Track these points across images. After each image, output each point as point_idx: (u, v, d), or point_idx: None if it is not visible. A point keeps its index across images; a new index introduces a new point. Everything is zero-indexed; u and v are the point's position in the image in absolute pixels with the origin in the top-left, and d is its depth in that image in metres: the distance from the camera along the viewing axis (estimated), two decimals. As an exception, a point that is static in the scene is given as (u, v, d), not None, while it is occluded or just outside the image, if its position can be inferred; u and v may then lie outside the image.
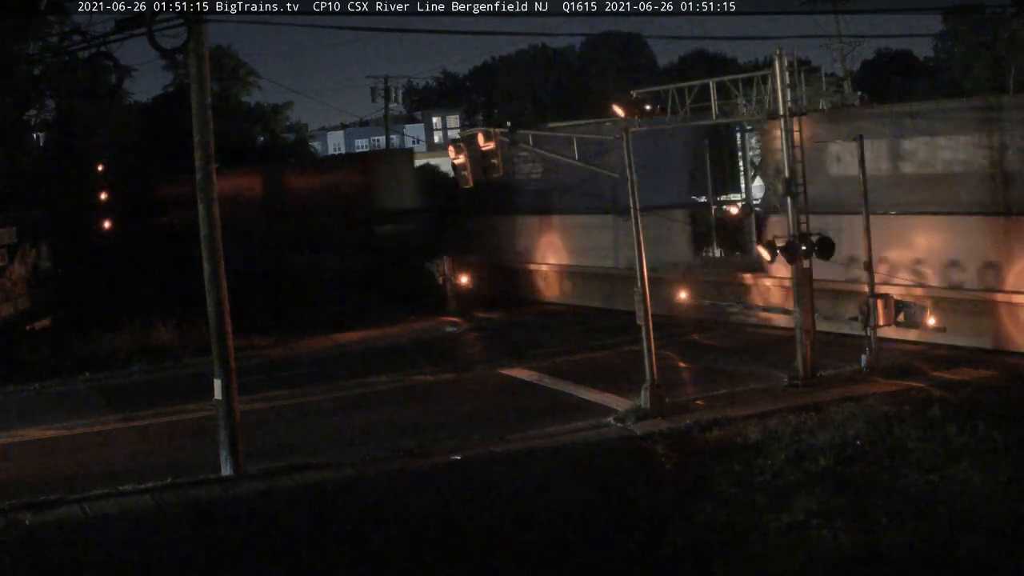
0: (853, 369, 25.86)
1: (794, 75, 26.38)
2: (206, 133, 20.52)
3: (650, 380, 23.65)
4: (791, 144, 25.76)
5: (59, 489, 19.84)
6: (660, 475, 19.81)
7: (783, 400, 23.73)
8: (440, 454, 21.42)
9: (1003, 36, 61.68)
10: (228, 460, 20.55)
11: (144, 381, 31.51)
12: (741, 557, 15.67)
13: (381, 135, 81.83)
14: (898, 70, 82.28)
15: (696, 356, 30.05)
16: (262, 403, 26.63)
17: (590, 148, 32.50)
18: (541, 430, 23.00)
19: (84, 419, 26.62)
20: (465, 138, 28.12)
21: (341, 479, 20.06)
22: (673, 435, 21.79)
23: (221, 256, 20.75)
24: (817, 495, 17.37)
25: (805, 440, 20.25)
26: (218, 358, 20.74)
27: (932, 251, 28.67)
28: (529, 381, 28.42)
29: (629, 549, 16.40)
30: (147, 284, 45.97)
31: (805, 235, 25.32)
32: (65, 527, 18.09)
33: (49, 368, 32.30)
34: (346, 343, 36.12)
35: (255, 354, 33.69)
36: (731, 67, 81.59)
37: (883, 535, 15.70)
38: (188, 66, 20.79)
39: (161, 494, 19.53)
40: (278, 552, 16.87)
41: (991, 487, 17.14)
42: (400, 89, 70.76)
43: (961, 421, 20.43)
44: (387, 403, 27.12)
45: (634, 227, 24.27)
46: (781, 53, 25.89)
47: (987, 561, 14.88)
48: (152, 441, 24.52)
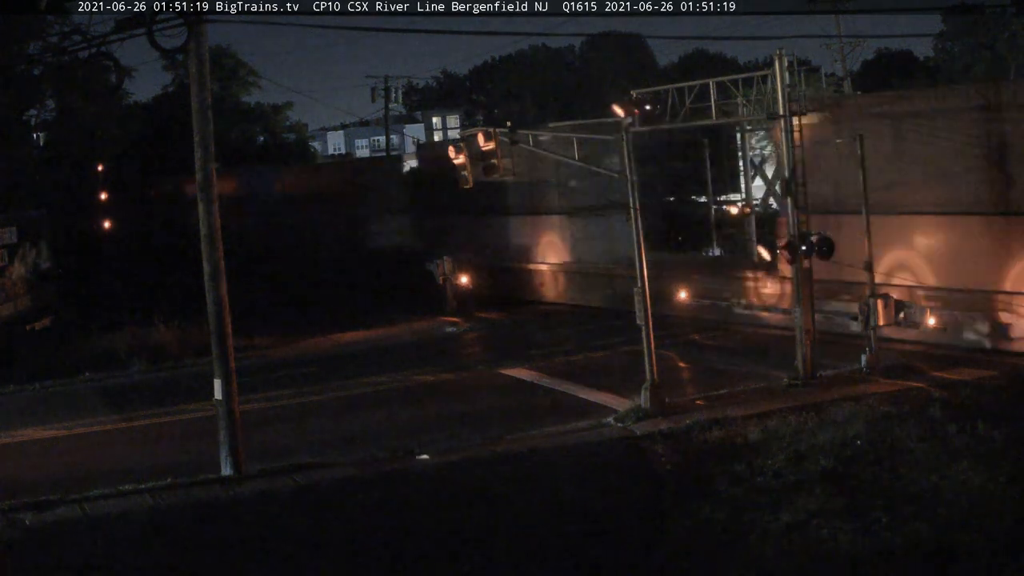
0: (853, 369, 25.86)
1: (794, 75, 26.38)
2: (206, 133, 20.52)
3: (650, 380, 23.65)
4: (791, 144, 25.78)
5: (59, 489, 19.83)
6: (660, 475, 19.79)
7: (783, 400, 23.72)
8: (439, 454, 21.43)
9: (1003, 36, 61.64)
10: (228, 460, 20.54)
11: (144, 381, 31.51)
12: (741, 557, 15.66)
13: (381, 135, 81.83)
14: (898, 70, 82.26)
15: (696, 356, 30.05)
16: (262, 403, 26.64)
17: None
18: (541, 430, 23.00)
19: (84, 419, 26.62)
20: (465, 138, 28.11)
21: (341, 479, 20.06)
22: (673, 435, 21.79)
23: (221, 256, 20.75)
24: (817, 495, 17.36)
25: (805, 440, 20.24)
26: (218, 358, 20.73)
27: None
28: (529, 381, 28.43)
29: (629, 549, 16.40)
30: (147, 284, 46.02)
31: (805, 235, 25.32)
32: (65, 527, 18.08)
33: (49, 368, 32.30)
34: (346, 343, 36.14)
35: (255, 354, 33.72)
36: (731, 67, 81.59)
37: (883, 535, 15.69)
38: (188, 66, 20.79)
39: (161, 494, 19.52)
40: (278, 552, 16.86)
41: (991, 487, 17.13)
42: (400, 89, 70.75)
43: (961, 421, 20.42)
44: (387, 403, 27.12)
45: (634, 227, 24.25)
46: (781, 53, 25.91)
47: (987, 561, 14.87)
48: (152, 441, 24.52)
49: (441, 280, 39.97)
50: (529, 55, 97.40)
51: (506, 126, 26.70)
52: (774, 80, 26.13)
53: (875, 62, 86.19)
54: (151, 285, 45.49)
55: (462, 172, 27.13)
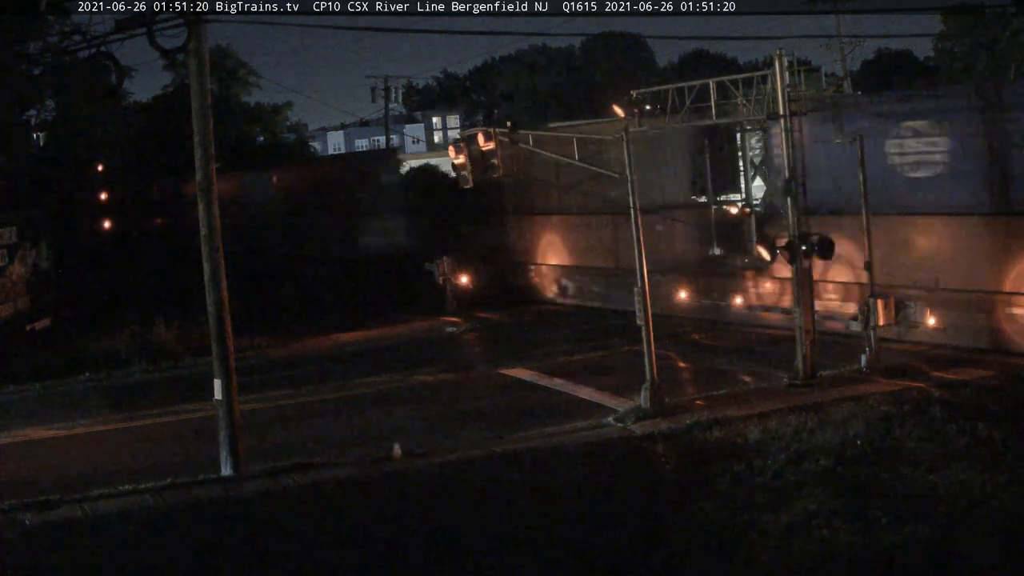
0: (853, 369, 25.86)
1: (794, 75, 26.37)
2: (206, 133, 20.51)
3: (650, 380, 23.65)
4: (791, 144, 25.77)
5: (59, 489, 19.83)
6: (660, 475, 19.79)
7: (783, 400, 23.72)
8: (438, 454, 21.43)
9: (1003, 36, 61.65)
10: (228, 460, 20.55)
11: (144, 381, 31.50)
12: (741, 557, 15.66)
13: (381, 135, 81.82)
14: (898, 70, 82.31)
15: (696, 356, 30.04)
16: (262, 403, 26.62)
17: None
18: (541, 430, 22.99)
19: (84, 419, 26.62)
20: (465, 138, 28.11)
21: (341, 479, 20.05)
22: (673, 435, 21.78)
23: (221, 256, 20.74)
24: (817, 495, 17.36)
25: (805, 440, 20.23)
26: (218, 358, 20.74)
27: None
28: (529, 381, 28.42)
29: (629, 549, 16.40)
30: (147, 284, 46.00)
31: (805, 235, 25.32)
32: (65, 527, 18.08)
33: (49, 368, 32.30)
34: (346, 343, 36.12)
35: (255, 354, 33.70)
36: (731, 67, 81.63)
37: (883, 535, 15.69)
38: (188, 66, 20.80)
39: (161, 494, 19.51)
40: (279, 552, 16.86)
41: (991, 487, 17.13)
42: (400, 89, 70.79)
43: (961, 421, 20.42)
44: (387, 403, 27.11)
45: (633, 227, 24.25)
46: (781, 53, 25.90)
47: (987, 561, 14.87)
48: (152, 441, 24.50)
49: (441, 280, 39.95)
50: (529, 55, 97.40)
51: (506, 126, 26.70)
52: (774, 80, 26.13)
53: (875, 62, 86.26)
54: (151, 285, 45.47)
55: (462, 172, 27.15)
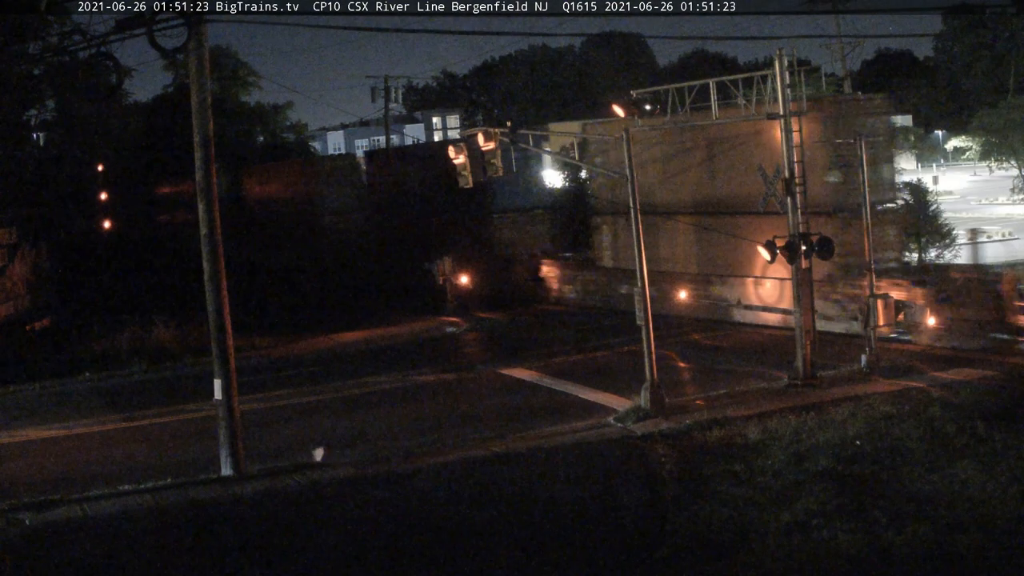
0: (853, 369, 25.86)
1: (794, 75, 26.35)
2: (206, 133, 20.52)
3: (650, 380, 23.64)
4: (791, 144, 25.75)
5: (59, 489, 19.85)
6: (660, 475, 19.78)
7: (783, 400, 23.72)
8: (438, 454, 21.43)
9: (1003, 36, 61.70)
10: (228, 460, 20.54)
11: (144, 381, 31.52)
12: (741, 557, 15.66)
13: (381, 135, 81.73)
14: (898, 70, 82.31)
15: (696, 356, 30.04)
16: (262, 403, 26.64)
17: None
18: (541, 430, 22.99)
19: (84, 419, 26.63)
20: (465, 138, 28.10)
21: (341, 479, 20.05)
22: (673, 435, 21.79)
23: (221, 256, 20.75)
24: (817, 495, 17.36)
25: (805, 440, 20.24)
26: (218, 358, 20.74)
27: None
28: (529, 381, 28.43)
29: (629, 549, 16.40)
30: (147, 284, 46.00)
31: (805, 235, 25.32)
32: (65, 527, 18.08)
33: (49, 368, 32.31)
34: (346, 343, 36.13)
35: (255, 354, 33.72)
36: (731, 67, 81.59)
37: (883, 535, 15.69)
38: (188, 66, 20.80)
39: (161, 494, 19.52)
40: (279, 552, 16.85)
41: (991, 487, 17.14)
42: (400, 89, 70.64)
43: (961, 421, 20.43)
44: (387, 403, 27.11)
45: (633, 227, 24.25)
46: (781, 53, 25.89)
47: (987, 561, 14.87)
48: (152, 441, 24.51)
49: (441, 280, 39.97)
50: (529, 55, 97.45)
51: (506, 126, 26.71)
52: (774, 80, 26.11)
53: (875, 62, 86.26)
54: (151, 285, 45.48)
55: (462, 172, 27.12)
